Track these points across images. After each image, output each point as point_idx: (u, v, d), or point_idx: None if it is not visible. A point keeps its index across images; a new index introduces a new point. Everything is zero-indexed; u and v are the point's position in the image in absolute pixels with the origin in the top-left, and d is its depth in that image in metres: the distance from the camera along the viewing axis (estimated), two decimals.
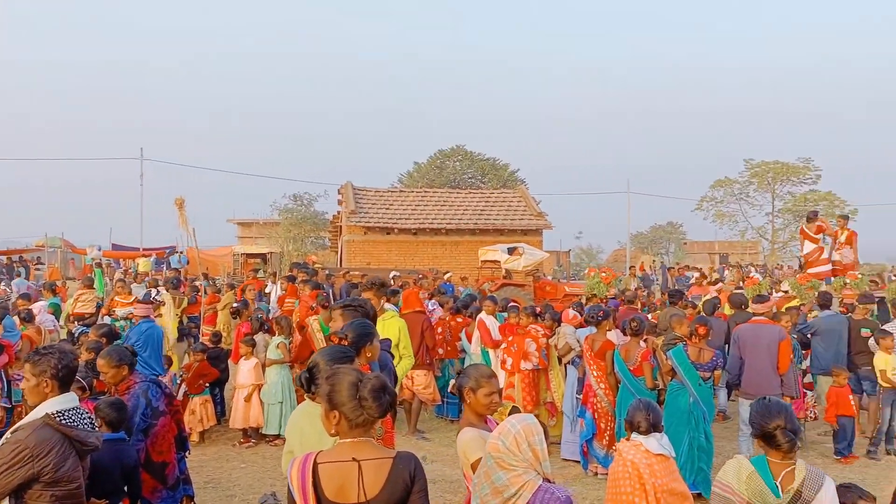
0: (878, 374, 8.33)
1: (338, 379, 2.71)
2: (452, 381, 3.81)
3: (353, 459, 2.61)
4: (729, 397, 10.10)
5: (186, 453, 5.03)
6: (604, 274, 17.12)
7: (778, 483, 2.95)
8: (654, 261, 38.89)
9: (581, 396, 7.72)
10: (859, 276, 13.80)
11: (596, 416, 7.39)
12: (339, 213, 27.12)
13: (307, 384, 3.34)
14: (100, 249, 25.45)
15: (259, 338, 9.02)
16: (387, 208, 25.16)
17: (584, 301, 13.52)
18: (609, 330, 7.84)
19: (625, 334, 7.84)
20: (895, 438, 8.35)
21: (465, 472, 3.48)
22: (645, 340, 8.08)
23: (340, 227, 26.12)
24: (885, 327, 8.78)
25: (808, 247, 15.23)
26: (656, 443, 3.93)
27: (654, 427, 3.96)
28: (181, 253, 26.27)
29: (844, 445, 8.14)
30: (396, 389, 4.36)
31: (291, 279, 13.15)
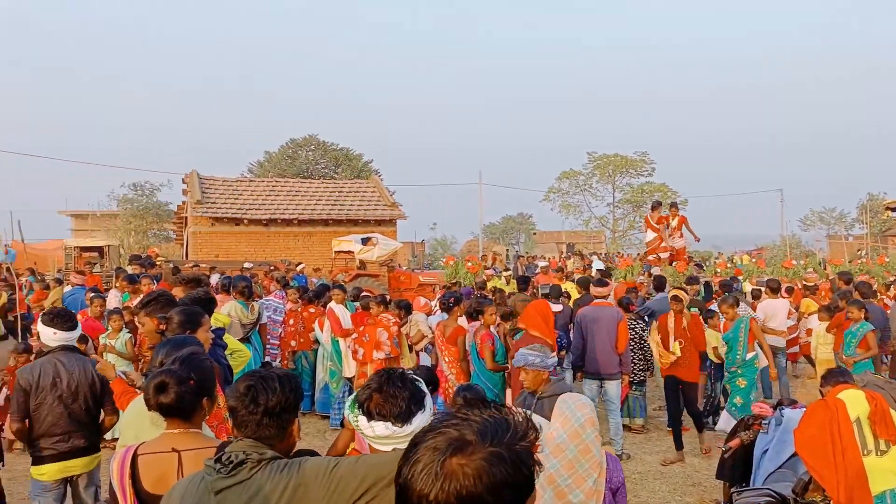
0: (709, 351, 9.02)
1: None
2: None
3: (173, 450, 2.54)
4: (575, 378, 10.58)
5: (1, 465, 4.58)
6: (470, 263, 17.40)
7: None
8: (506, 250, 40.14)
9: None
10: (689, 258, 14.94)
11: (448, 402, 7.47)
12: (184, 203, 25.79)
13: None
14: None
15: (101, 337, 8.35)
16: (235, 198, 24.19)
17: (445, 288, 13.66)
18: (460, 316, 7.96)
19: (472, 319, 7.98)
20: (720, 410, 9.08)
21: None
22: (497, 326, 8.27)
23: (186, 218, 24.84)
24: (710, 307, 9.55)
25: (650, 235, 16.30)
26: None
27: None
28: (7, 246, 23.93)
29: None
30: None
31: (121, 272, 12.29)
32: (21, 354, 8.10)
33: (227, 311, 7.90)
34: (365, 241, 19.13)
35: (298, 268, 17.81)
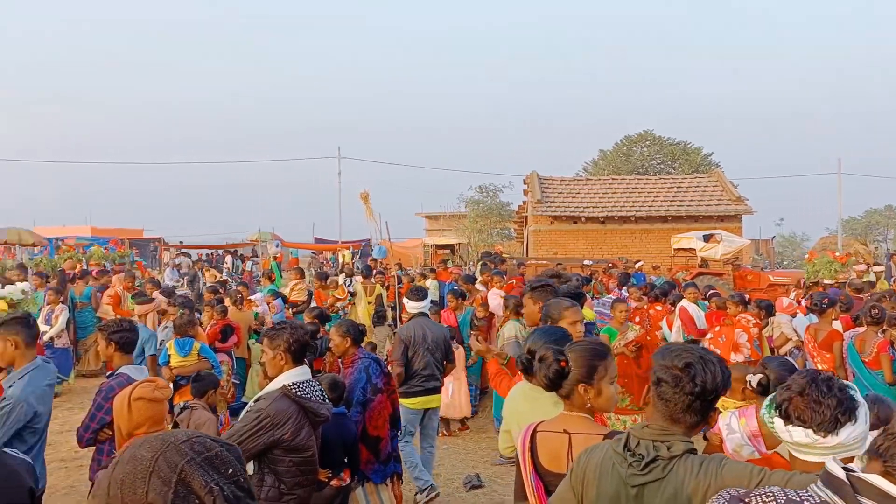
0: None
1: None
2: None
3: (564, 431, 2.65)
4: None
5: (398, 432, 5.21)
6: (838, 253, 15.66)
7: None
8: (875, 249, 35.19)
9: None
10: None
11: None
12: (524, 203, 27.10)
13: (527, 366, 3.28)
14: (278, 245, 27.07)
15: None
16: (573, 197, 24.75)
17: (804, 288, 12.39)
18: (835, 319, 7.11)
19: (856, 323, 7.07)
20: None
21: None
22: (884, 331, 7.24)
23: (526, 217, 26.07)
24: None
25: None
26: None
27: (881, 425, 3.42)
28: (378, 245, 27.62)
29: None
30: None
31: (486, 268, 13.28)
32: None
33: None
34: (707, 238, 18.21)
35: (637, 265, 17.59)
